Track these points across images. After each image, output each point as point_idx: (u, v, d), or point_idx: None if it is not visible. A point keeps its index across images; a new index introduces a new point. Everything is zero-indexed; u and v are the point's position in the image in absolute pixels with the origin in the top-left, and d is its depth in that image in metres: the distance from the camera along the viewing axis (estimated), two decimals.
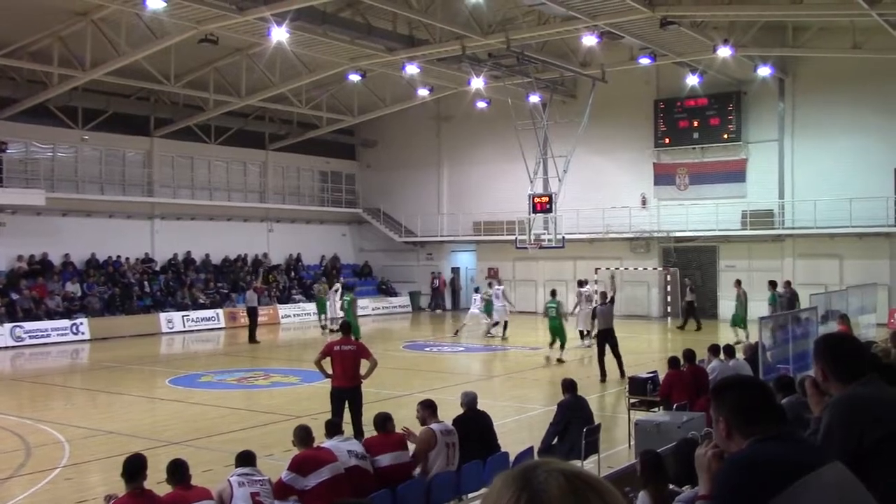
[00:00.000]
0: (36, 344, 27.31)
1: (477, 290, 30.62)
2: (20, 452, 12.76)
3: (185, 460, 7.30)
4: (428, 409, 9.13)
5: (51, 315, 28.96)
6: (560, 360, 21.75)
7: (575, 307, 25.92)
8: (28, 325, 27.68)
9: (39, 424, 14.64)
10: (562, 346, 22.36)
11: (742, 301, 26.31)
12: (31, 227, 30.87)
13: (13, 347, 26.76)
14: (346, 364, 12.42)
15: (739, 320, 25.71)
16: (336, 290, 30.23)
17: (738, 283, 27.54)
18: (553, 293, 23.86)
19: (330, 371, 12.61)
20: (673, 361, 12.38)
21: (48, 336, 27.89)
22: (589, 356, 22.76)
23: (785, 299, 24.97)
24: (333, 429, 8.63)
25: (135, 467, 6.75)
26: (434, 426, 8.85)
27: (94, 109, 32.77)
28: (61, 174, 32.77)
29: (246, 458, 7.57)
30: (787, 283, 26.13)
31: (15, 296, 28.68)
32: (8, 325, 27.11)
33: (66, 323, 28.72)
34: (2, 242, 30.36)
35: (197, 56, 29.59)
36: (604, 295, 20.75)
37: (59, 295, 29.90)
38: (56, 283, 30.54)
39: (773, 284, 25.35)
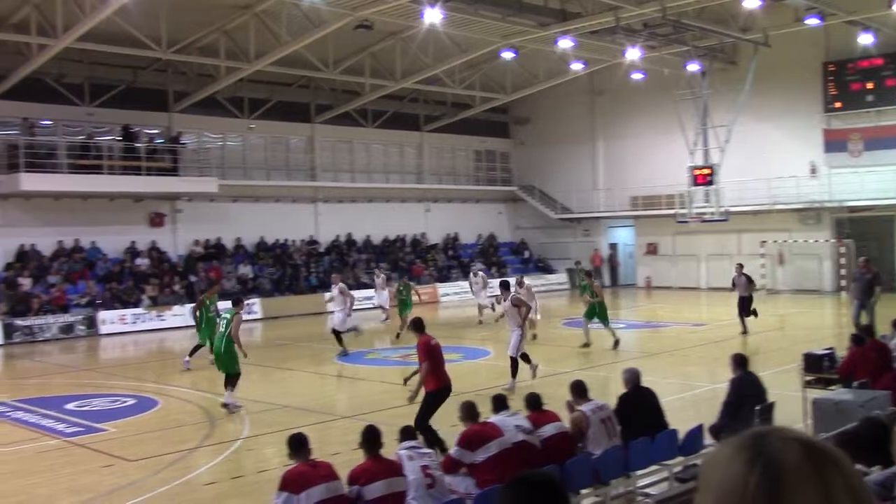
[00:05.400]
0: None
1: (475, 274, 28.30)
2: (205, 425, 13.60)
3: (378, 429, 7.32)
4: (573, 392, 9.21)
5: (226, 296, 30.55)
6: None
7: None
8: None
9: (221, 399, 15.48)
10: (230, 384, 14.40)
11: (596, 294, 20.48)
12: (205, 212, 32.72)
13: (192, 327, 28.36)
14: None
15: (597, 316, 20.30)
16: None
17: (588, 273, 22.37)
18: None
19: None
20: (857, 338, 11.73)
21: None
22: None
23: (863, 281, 20.05)
24: (500, 403, 8.70)
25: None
26: (583, 407, 8.82)
27: (259, 99, 34.29)
28: (231, 162, 34.52)
29: (409, 432, 7.79)
30: (866, 262, 20.69)
31: (193, 278, 30.47)
32: (188, 306, 28.81)
33: None
34: (180, 228, 32.39)
35: (353, 42, 30.38)
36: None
37: (234, 276, 31.59)
38: (229, 266, 32.27)
39: None
